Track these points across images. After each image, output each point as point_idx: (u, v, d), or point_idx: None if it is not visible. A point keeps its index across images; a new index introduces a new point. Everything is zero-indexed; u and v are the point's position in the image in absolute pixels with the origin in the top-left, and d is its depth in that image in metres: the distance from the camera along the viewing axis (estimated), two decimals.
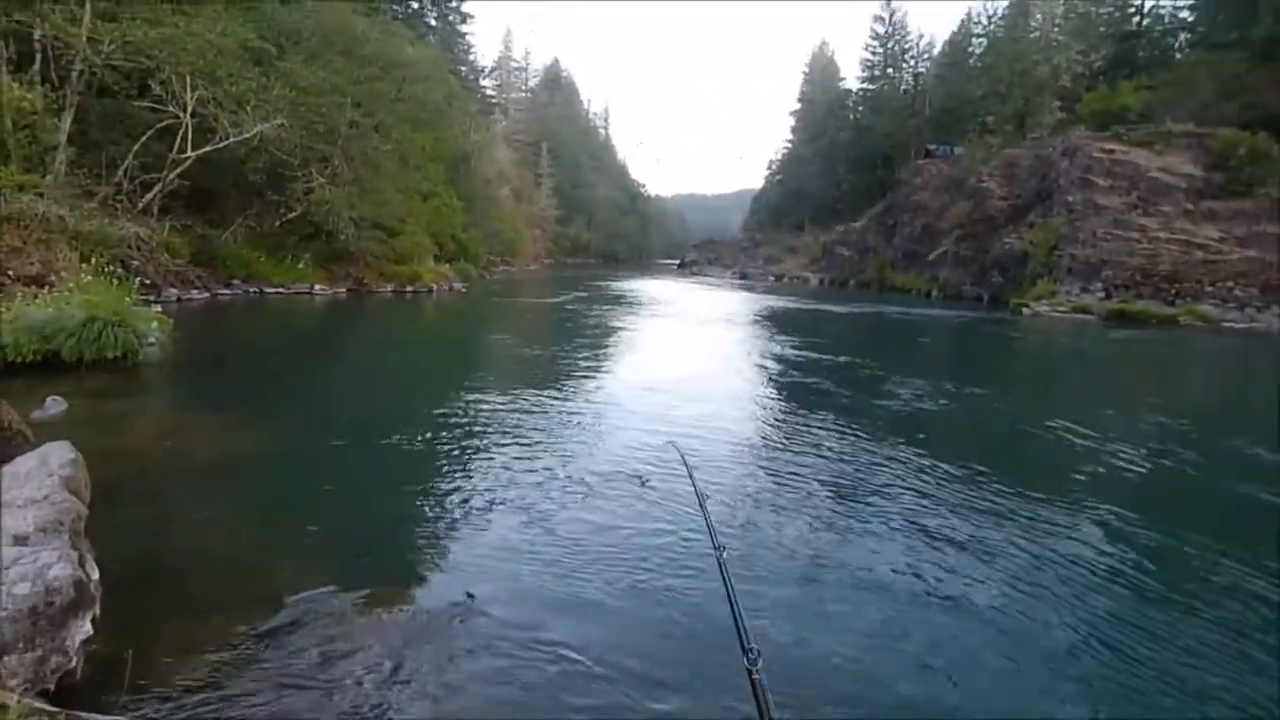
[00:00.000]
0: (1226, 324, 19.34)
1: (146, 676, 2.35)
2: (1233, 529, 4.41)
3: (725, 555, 1.61)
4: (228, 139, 15.57)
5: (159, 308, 11.28)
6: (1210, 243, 21.94)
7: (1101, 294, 21.97)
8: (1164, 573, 3.63)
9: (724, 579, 1.52)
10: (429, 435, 5.63)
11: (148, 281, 12.45)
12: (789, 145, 71.99)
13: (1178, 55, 37.04)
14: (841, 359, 11.24)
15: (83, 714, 1.73)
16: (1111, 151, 24.68)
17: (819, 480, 4.93)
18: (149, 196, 14.98)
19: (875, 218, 40.91)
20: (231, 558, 3.36)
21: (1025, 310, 22.19)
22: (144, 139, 14.73)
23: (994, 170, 30.86)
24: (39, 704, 1.78)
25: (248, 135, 15.78)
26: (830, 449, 5.76)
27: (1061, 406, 8.25)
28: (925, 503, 4.53)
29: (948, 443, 6.16)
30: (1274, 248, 21.02)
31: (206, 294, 15.34)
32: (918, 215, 35.18)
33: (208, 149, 15.50)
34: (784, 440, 6.08)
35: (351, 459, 5.08)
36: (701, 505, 1.97)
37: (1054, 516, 4.34)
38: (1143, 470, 5.51)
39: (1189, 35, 37.87)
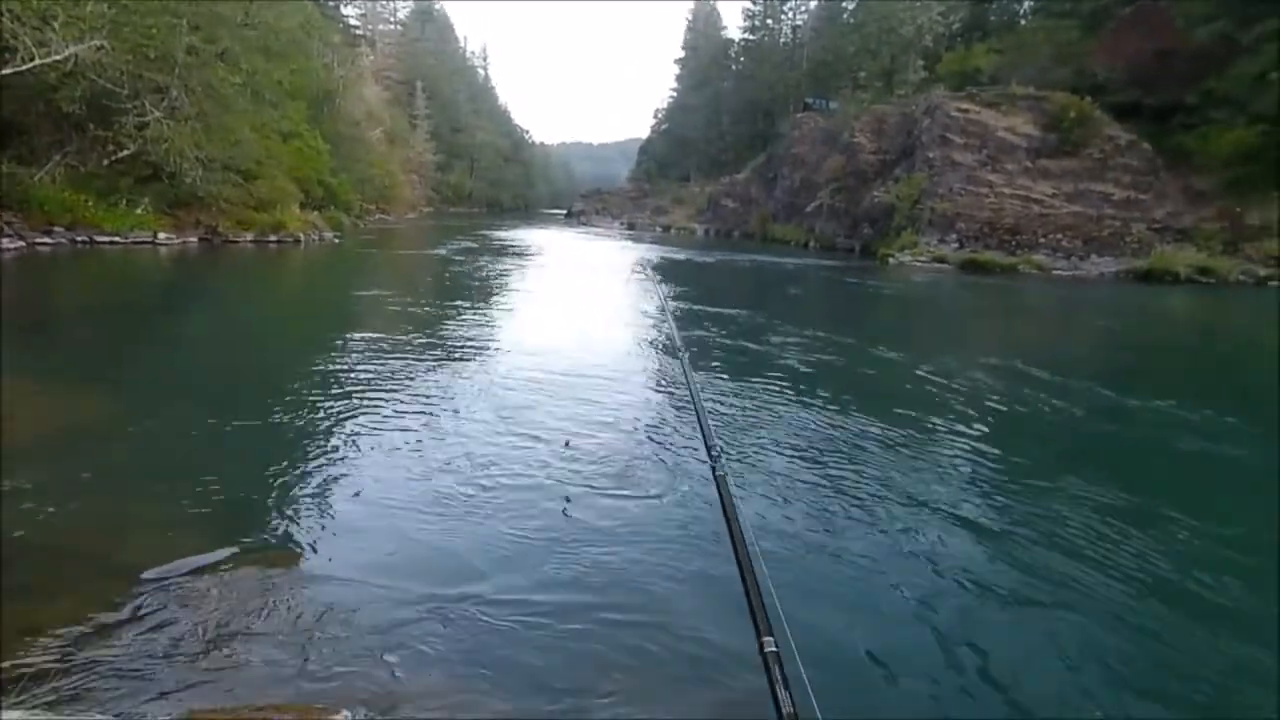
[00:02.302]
0: (1056, 271, 21.87)
1: None
2: (1084, 457, 5.12)
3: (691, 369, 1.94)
4: (32, 60, 13.30)
5: None
6: (1045, 198, 24.54)
7: (956, 245, 24.05)
8: (1029, 502, 4.17)
9: (692, 395, 1.83)
10: (301, 398, 5.29)
11: None
12: (674, 94, 71.80)
13: (1022, 21, 40.26)
14: (722, 310, 11.64)
15: None
16: (966, 111, 26.69)
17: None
18: None
19: (757, 170, 42.06)
20: (75, 537, 3.03)
21: (890, 260, 23.90)
22: None
23: (865, 126, 32.50)
24: None
25: (58, 58, 13.55)
26: (707, 394, 6.03)
27: (915, 348, 9.07)
28: (802, 438, 4.89)
29: (820, 385, 6.61)
30: (1095, 204, 23.88)
31: (20, 243, 13.29)
32: (796, 168, 36.53)
33: (7, 72, 13.17)
34: (658, 389, 6.28)
35: (216, 422, 4.68)
36: (679, 357, 2.09)
37: (902, 441, 4.85)
38: (990, 405, 6.21)
39: (1032, 2, 41.18)
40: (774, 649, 0.92)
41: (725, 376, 6.54)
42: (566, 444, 4.03)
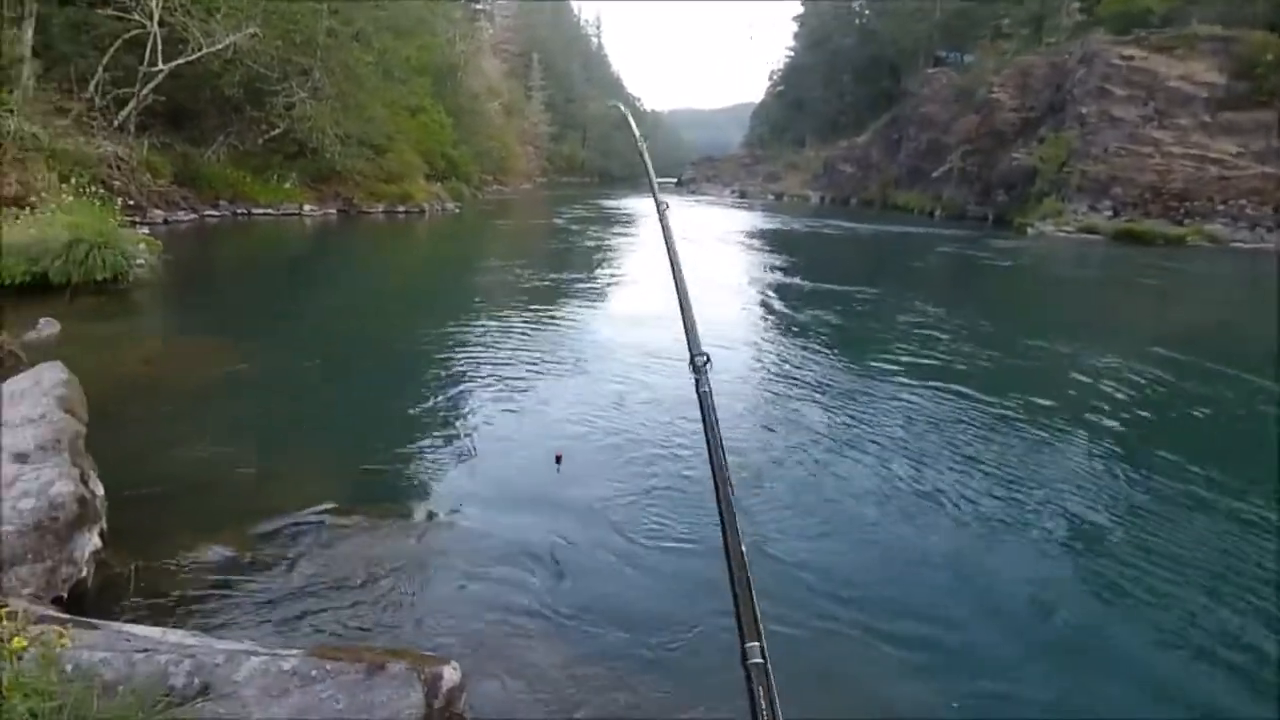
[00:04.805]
0: (1235, 244, 19.01)
1: (154, 586, 2.43)
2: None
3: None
4: (200, 50, 14.76)
5: (146, 229, 11.07)
6: (1226, 158, 21.24)
7: (1109, 213, 21.50)
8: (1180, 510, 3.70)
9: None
10: (429, 357, 5.62)
11: (131, 202, 12.12)
12: (791, 54, 68.61)
13: None
14: (835, 286, 11.09)
15: (86, 619, 1.77)
16: (1130, 58, 23.51)
17: (815, 410, 4.95)
18: (124, 113, 14.35)
19: (879, 132, 39.56)
20: (231, 477, 3.39)
21: (1030, 230, 21.78)
22: (112, 50, 13.96)
23: (1006, 80, 29.49)
24: (48, 610, 1.82)
25: (220, 46, 14.95)
26: (824, 382, 5.77)
27: (1059, 337, 8.21)
28: (919, 429, 4.57)
29: (951, 376, 6.14)
30: None
31: (194, 215, 14.97)
32: (924, 129, 33.93)
33: (180, 61, 14.73)
34: (777, 366, 6.08)
35: (350, 381, 5.08)
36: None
37: (1029, 432, 4.41)
38: (1135, 410, 5.53)
39: None
40: (759, 659, 0.76)
41: (840, 369, 6.23)
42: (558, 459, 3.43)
